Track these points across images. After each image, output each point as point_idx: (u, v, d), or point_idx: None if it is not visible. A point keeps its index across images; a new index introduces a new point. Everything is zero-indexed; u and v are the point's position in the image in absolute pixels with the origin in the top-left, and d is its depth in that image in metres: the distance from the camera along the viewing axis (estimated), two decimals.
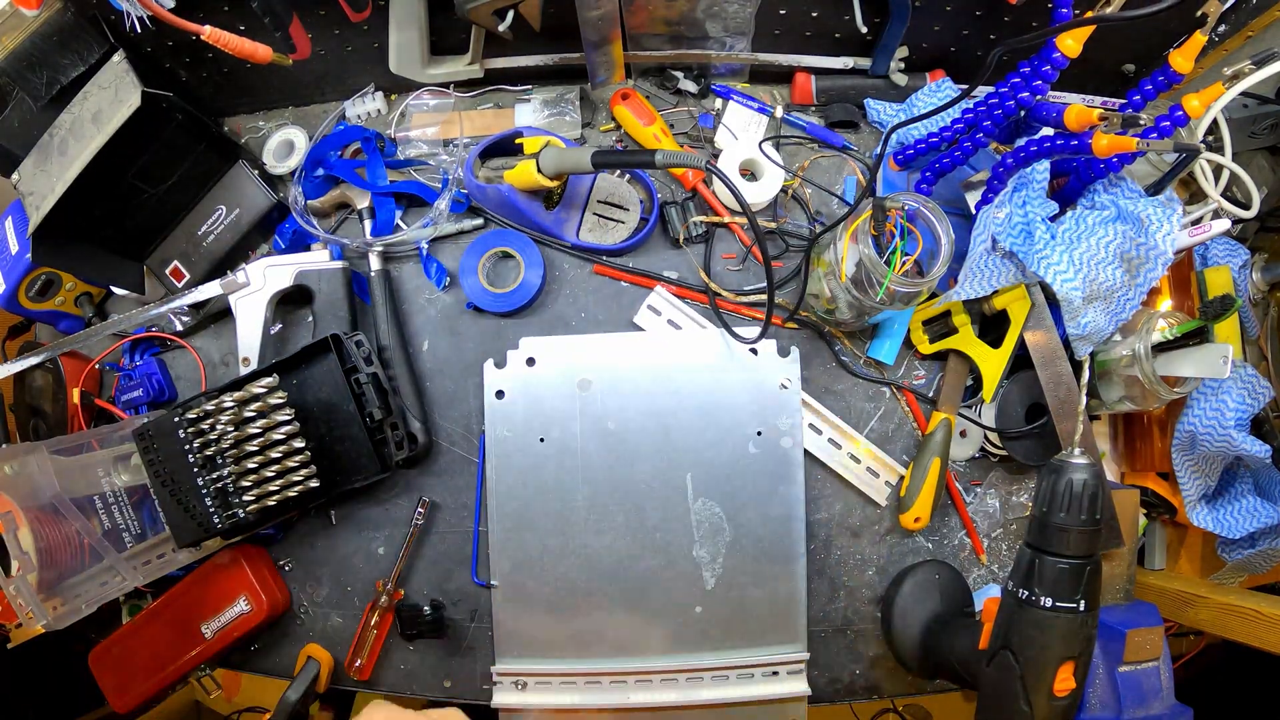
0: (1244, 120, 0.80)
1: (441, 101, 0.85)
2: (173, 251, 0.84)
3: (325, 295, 0.79)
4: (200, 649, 0.77)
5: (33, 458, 0.71)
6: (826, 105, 0.85)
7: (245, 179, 0.83)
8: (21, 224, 0.80)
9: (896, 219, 0.66)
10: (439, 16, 0.76)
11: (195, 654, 0.77)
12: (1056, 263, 0.67)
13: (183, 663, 0.77)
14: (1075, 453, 0.54)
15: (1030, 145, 0.67)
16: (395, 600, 0.79)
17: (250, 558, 0.78)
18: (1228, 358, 0.64)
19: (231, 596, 0.77)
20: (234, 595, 0.77)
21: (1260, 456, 0.71)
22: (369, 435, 0.74)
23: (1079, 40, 0.60)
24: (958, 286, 0.72)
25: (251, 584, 0.77)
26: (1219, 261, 0.82)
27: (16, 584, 0.68)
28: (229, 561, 0.78)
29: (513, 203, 0.76)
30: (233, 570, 0.78)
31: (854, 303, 0.70)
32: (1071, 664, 0.52)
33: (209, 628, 0.77)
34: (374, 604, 0.78)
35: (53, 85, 0.72)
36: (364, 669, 0.78)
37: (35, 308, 0.83)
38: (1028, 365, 0.74)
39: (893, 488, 0.79)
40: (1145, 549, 0.84)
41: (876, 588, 0.79)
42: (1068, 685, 0.52)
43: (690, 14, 0.74)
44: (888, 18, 0.74)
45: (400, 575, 0.79)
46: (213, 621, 0.77)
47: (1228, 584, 0.80)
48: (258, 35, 0.65)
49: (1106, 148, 0.58)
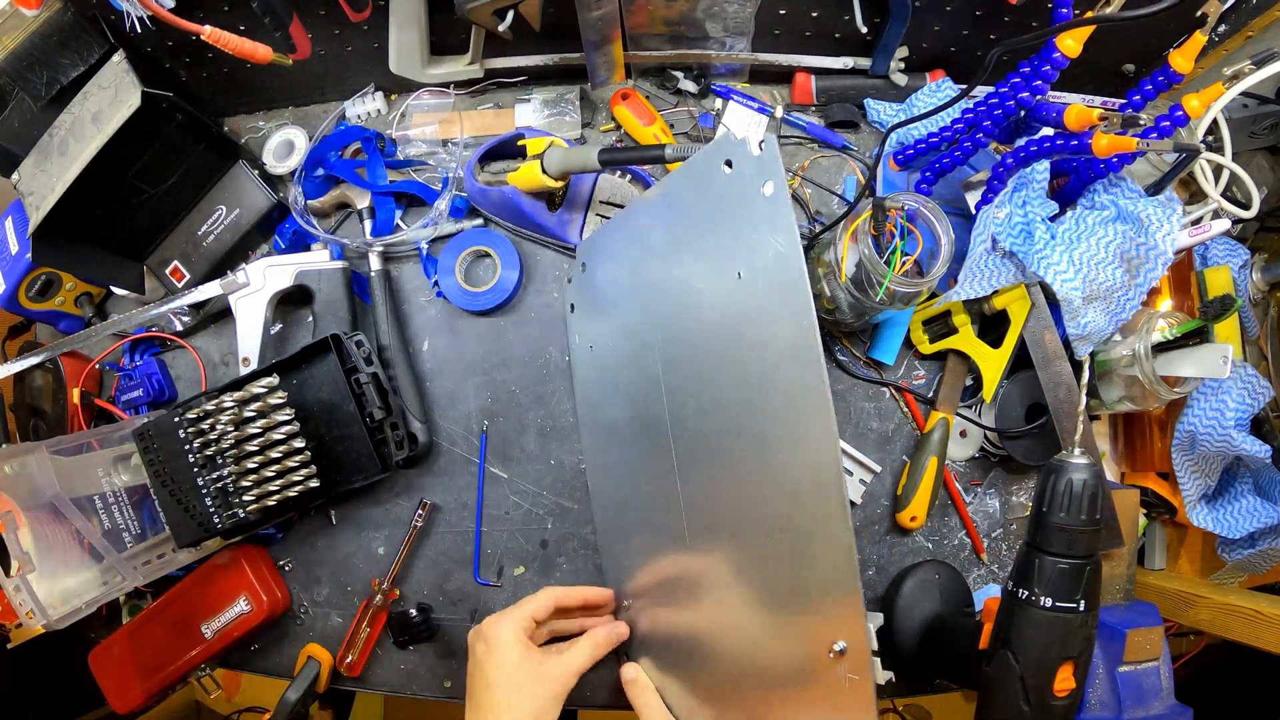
0: (1244, 120, 0.80)
1: (441, 101, 0.85)
2: (173, 251, 0.84)
3: (325, 295, 0.79)
4: (200, 649, 0.77)
5: (33, 458, 0.71)
6: (826, 105, 0.85)
7: (245, 179, 0.83)
8: (21, 224, 0.80)
9: (896, 219, 0.66)
10: (439, 16, 0.76)
11: (195, 654, 0.77)
12: (1056, 262, 0.67)
13: (183, 663, 0.77)
14: (1075, 452, 0.54)
15: (1030, 145, 0.67)
16: (390, 600, 0.79)
17: (250, 558, 0.78)
18: (1228, 358, 0.64)
19: (231, 596, 0.77)
20: (234, 595, 0.77)
21: (1260, 456, 0.71)
22: (369, 435, 0.74)
23: (1079, 40, 0.60)
24: (958, 286, 0.72)
25: (251, 584, 0.77)
26: (1219, 261, 0.82)
27: (17, 584, 0.69)
28: (229, 561, 0.78)
29: (516, 205, 0.76)
30: (233, 570, 0.78)
31: (854, 303, 0.70)
32: (1071, 664, 0.52)
33: (209, 628, 0.77)
34: (368, 602, 0.78)
35: (53, 85, 0.72)
36: (355, 666, 0.78)
37: (35, 308, 0.83)
38: (1028, 365, 0.74)
39: (866, 485, 0.79)
40: (1145, 549, 0.84)
41: (876, 588, 0.79)
42: (1067, 685, 0.52)
43: (690, 14, 0.74)
44: (888, 18, 0.74)
45: (399, 575, 0.79)
46: (213, 621, 0.77)
47: (1228, 584, 0.80)
48: (258, 35, 0.66)
49: (1106, 148, 0.58)
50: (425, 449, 0.79)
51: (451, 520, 0.81)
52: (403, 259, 0.84)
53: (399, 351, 0.79)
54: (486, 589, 0.80)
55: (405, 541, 0.79)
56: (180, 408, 0.72)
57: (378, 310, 0.80)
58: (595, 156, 0.67)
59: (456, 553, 0.81)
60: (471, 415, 0.82)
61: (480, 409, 0.82)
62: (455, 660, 0.80)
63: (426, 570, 0.81)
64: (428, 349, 0.83)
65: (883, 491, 0.79)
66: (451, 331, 0.83)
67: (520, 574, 0.80)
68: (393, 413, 0.75)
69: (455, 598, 0.80)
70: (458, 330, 0.83)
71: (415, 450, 0.77)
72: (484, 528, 0.80)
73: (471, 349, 0.83)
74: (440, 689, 0.80)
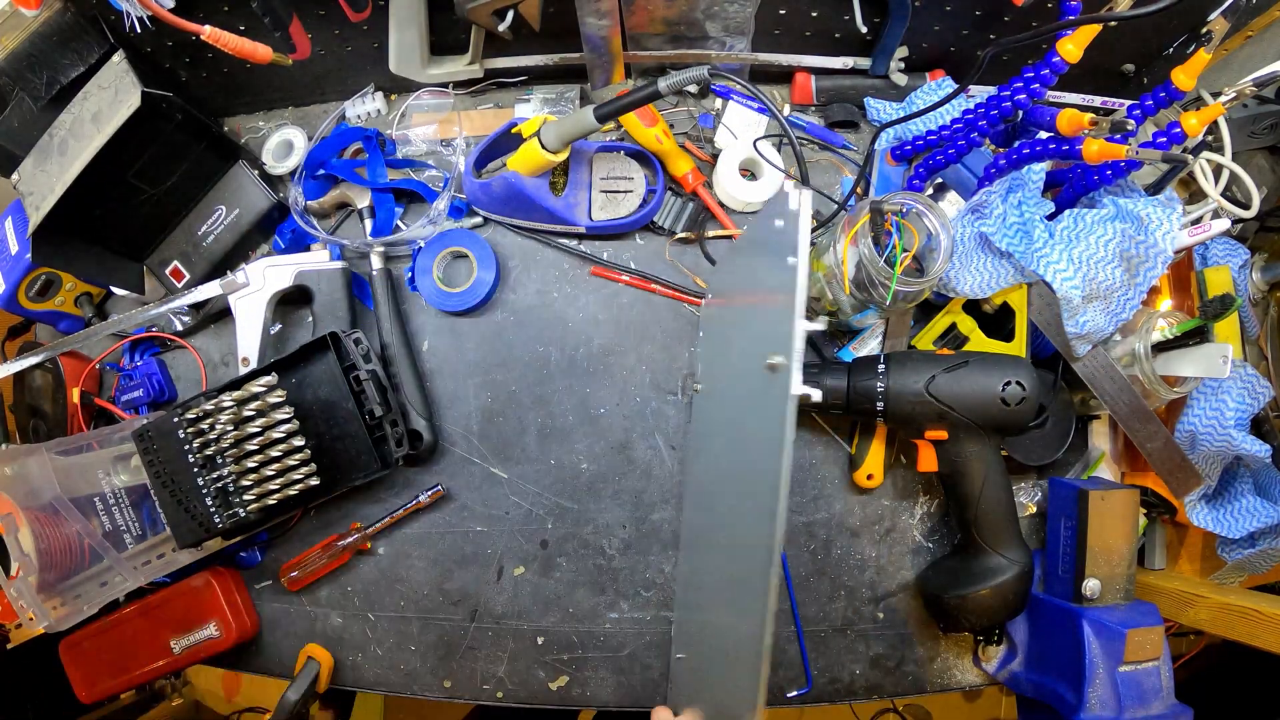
0: (1244, 120, 0.80)
1: (441, 101, 0.85)
2: (172, 251, 0.84)
3: (325, 295, 0.79)
4: (166, 662, 0.78)
5: (33, 459, 0.71)
6: (826, 105, 0.85)
7: (245, 179, 0.83)
8: (21, 224, 0.80)
9: (892, 219, 0.66)
10: (439, 16, 0.76)
11: (160, 665, 0.78)
12: (1056, 261, 0.67)
13: (147, 671, 0.79)
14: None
15: (1023, 148, 0.67)
16: (362, 550, 0.79)
17: (224, 583, 0.79)
18: (1227, 357, 0.64)
19: (203, 619, 0.78)
20: (205, 619, 0.78)
21: (1260, 456, 0.71)
22: (369, 433, 0.74)
23: (1080, 45, 0.60)
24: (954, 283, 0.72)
25: (223, 610, 0.78)
26: (1219, 261, 0.82)
27: (18, 586, 0.69)
28: (203, 585, 0.78)
29: (520, 191, 0.76)
30: (206, 594, 0.78)
31: (857, 305, 0.70)
32: None
33: (178, 644, 0.78)
34: (340, 538, 0.79)
35: (53, 85, 0.72)
36: (295, 583, 0.79)
37: (35, 308, 0.83)
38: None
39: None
40: (1145, 549, 0.84)
41: (876, 588, 0.79)
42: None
43: (690, 14, 0.74)
44: (888, 18, 0.74)
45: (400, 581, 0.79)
46: (182, 639, 0.78)
47: (1228, 584, 0.80)
48: (258, 35, 0.66)
49: (1097, 154, 0.59)
50: (430, 447, 0.79)
51: (451, 520, 0.81)
52: (403, 259, 0.84)
53: (401, 349, 0.79)
54: (487, 589, 0.80)
55: (405, 510, 0.79)
56: (180, 408, 0.72)
57: (380, 309, 0.80)
58: (591, 116, 0.66)
59: (456, 553, 0.81)
60: (472, 415, 0.82)
61: (480, 409, 0.82)
62: (455, 660, 0.80)
63: (426, 570, 0.81)
64: (428, 349, 0.83)
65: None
66: (452, 332, 0.83)
67: (520, 574, 0.80)
68: (392, 410, 0.75)
69: (455, 598, 0.80)
70: (458, 330, 0.83)
71: (420, 448, 0.77)
72: (484, 528, 0.80)
73: (471, 349, 0.83)
74: (440, 689, 0.80)
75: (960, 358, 0.68)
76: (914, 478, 0.80)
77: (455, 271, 0.84)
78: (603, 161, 0.81)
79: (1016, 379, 0.65)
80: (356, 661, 0.81)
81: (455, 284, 0.82)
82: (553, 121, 0.70)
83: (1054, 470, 0.80)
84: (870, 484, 0.77)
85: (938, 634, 0.79)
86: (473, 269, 0.81)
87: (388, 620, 0.81)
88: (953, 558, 0.75)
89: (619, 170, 0.81)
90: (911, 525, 0.80)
